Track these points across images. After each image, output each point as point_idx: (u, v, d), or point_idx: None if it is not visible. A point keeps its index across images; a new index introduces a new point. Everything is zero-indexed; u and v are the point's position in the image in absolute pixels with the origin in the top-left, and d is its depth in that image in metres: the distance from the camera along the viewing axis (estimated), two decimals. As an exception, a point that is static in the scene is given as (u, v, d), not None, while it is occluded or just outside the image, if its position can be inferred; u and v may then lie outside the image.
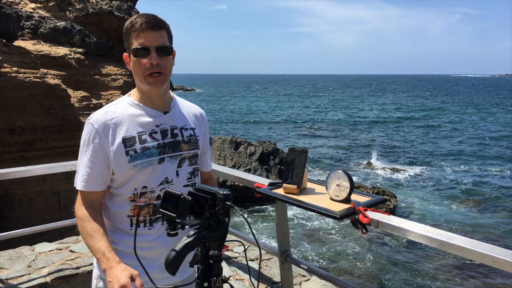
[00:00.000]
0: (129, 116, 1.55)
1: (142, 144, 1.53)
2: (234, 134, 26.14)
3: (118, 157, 1.51)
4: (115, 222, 1.59)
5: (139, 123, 1.56)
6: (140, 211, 1.55)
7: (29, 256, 3.28)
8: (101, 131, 1.50)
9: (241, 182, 2.52)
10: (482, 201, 17.69)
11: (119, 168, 1.52)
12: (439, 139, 32.94)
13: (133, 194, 1.54)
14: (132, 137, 1.53)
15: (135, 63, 1.52)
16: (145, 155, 1.53)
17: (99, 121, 1.51)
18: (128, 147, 1.51)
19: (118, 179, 1.54)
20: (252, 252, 3.41)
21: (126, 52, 1.58)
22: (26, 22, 13.41)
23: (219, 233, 1.34)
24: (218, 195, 1.31)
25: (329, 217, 1.68)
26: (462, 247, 1.44)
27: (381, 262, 12.07)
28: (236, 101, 74.42)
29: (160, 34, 1.52)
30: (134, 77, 1.56)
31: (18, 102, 9.66)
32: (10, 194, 9.23)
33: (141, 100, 1.59)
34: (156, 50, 1.50)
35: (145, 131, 1.55)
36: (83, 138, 1.54)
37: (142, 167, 1.52)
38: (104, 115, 1.53)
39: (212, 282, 1.34)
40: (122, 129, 1.53)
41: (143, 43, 1.49)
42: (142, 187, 1.54)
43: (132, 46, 1.51)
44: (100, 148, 1.51)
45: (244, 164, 18.45)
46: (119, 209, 1.56)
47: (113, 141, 1.51)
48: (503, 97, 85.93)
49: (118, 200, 1.56)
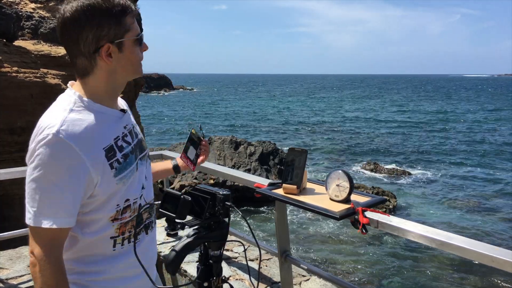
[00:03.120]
0: (97, 122, 1.25)
1: (121, 152, 1.29)
2: (234, 134, 26.14)
3: (103, 174, 1.23)
4: (91, 250, 1.30)
5: (110, 128, 1.29)
6: (125, 228, 1.33)
7: (29, 256, 3.28)
8: (79, 148, 1.17)
9: (241, 182, 2.52)
10: (482, 201, 17.69)
11: (104, 187, 1.23)
12: (439, 140, 32.94)
13: (116, 212, 1.29)
14: (111, 146, 1.26)
15: (134, 53, 1.28)
16: (128, 164, 1.30)
17: (73, 135, 1.17)
18: (111, 159, 1.25)
19: (97, 200, 1.25)
20: (252, 252, 3.41)
21: (107, 41, 1.23)
22: (26, 22, 13.40)
23: (219, 233, 1.34)
24: (218, 195, 1.31)
25: (328, 217, 1.68)
26: (461, 247, 1.44)
27: (380, 262, 12.07)
28: (236, 101, 74.36)
29: None
30: (123, 70, 1.29)
31: (18, 102, 9.66)
32: (10, 194, 9.22)
33: (102, 100, 1.29)
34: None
35: (118, 136, 1.30)
36: (49, 160, 1.15)
37: (127, 178, 1.29)
38: (73, 126, 1.19)
39: (212, 282, 1.35)
40: (99, 139, 1.24)
41: (138, 30, 1.30)
42: (125, 200, 1.31)
43: (130, 33, 1.26)
44: (81, 169, 1.18)
45: (244, 164, 18.45)
46: (98, 235, 1.29)
47: (95, 156, 1.21)
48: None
49: (97, 225, 1.28)
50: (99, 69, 1.26)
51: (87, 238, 1.28)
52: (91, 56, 1.24)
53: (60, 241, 1.22)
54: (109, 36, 1.22)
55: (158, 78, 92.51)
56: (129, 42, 1.26)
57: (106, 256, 1.32)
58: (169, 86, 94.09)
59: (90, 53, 1.23)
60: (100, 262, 1.31)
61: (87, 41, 1.21)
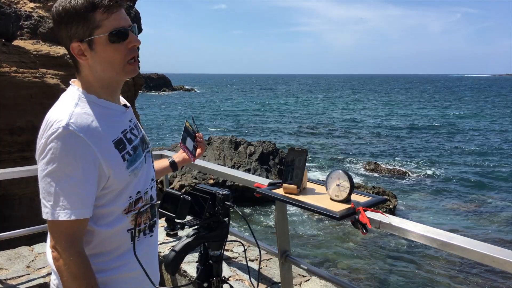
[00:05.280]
0: (103, 115, 1.27)
1: (131, 144, 1.31)
2: (234, 134, 26.15)
3: (115, 166, 1.24)
4: (109, 245, 1.31)
5: (117, 121, 1.31)
6: (140, 219, 1.34)
7: (28, 257, 3.27)
8: (89, 139, 1.18)
9: (241, 182, 2.51)
10: (483, 201, 17.70)
11: (117, 179, 1.26)
12: (440, 140, 32.95)
13: (129, 204, 1.31)
14: (120, 138, 1.28)
15: (108, 51, 1.22)
16: (137, 156, 1.33)
17: (82, 127, 1.18)
18: (122, 151, 1.27)
19: (111, 193, 1.27)
20: (252, 252, 3.40)
21: (76, 40, 1.21)
22: (25, 21, 13.39)
23: (219, 233, 1.34)
24: (218, 195, 1.31)
25: (329, 217, 1.67)
26: (462, 247, 1.44)
27: (381, 262, 12.07)
28: (236, 101, 74.38)
29: (123, 10, 1.26)
30: (103, 68, 1.25)
31: (18, 102, 9.66)
32: (10, 194, 9.23)
33: (103, 96, 1.30)
34: (132, 29, 1.26)
35: (126, 129, 1.32)
36: (62, 153, 1.16)
37: (138, 170, 1.31)
38: (81, 119, 1.20)
39: (211, 282, 1.34)
40: (107, 132, 1.25)
41: (118, 25, 1.21)
42: (137, 192, 1.34)
43: (100, 29, 1.19)
44: (93, 160, 1.19)
45: (244, 164, 18.44)
46: (114, 227, 1.30)
47: (105, 148, 1.22)
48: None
49: (112, 218, 1.29)
50: (82, 66, 1.27)
51: (103, 231, 1.28)
52: (71, 54, 1.25)
53: (80, 233, 1.23)
54: (78, 34, 1.21)
55: (158, 78, 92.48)
56: (101, 39, 1.20)
57: (124, 251, 1.32)
58: (168, 86, 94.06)
59: (69, 51, 1.25)
60: (119, 258, 1.32)
61: (64, 40, 1.24)
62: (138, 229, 1.35)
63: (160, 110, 55.24)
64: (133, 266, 1.31)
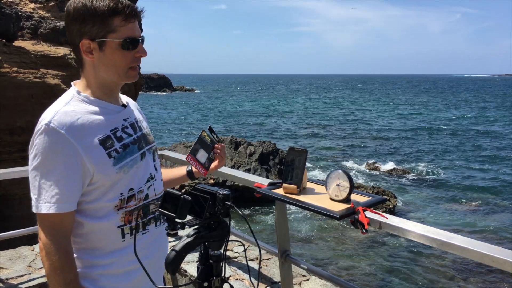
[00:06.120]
0: (92, 113, 1.32)
1: (120, 142, 1.35)
2: (234, 134, 26.15)
3: (99, 163, 1.28)
4: (100, 241, 1.34)
5: (107, 120, 1.35)
6: (131, 216, 1.37)
7: (29, 256, 3.28)
8: (71, 136, 1.23)
9: (241, 182, 2.52)
10: (483, 201, 17.68)
11: (103, 175, 1.29)
12: (440, 140, 32.94)
13: (120, 201, 1.34)
14: (107, 136, 1.32)
15: (117, 56, 1.29)
16: (128, 154, 1.36)
17: (64, 124, 1.24)
18: (108, 149, 1.31)
19: (98, 188, 1.31)
20: (252, 252, 3.41)
21: (87, 38, 1.27)
22: (26, 22, 13.40)
23: (219, 233, 1.34)
24: (218, 195, 1.31)
25: (329, 217, 1.68)
26: (462, 247, 1.44)
27: (381, 262, 12.07)
28: (236, 101, 74.38)
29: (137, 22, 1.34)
30: (106, 69, 1.32)
31: (18, 102, 9.66)
32: (10, 194, 9.23)
33: (99, 95, 1.36)
34: (141, 41, 1.34)
35: (117, 128, 1.36)
36: (44, 149, 1.23)
37: (128, 167, 1.35)
38: (65, 117, 1.26)
39: (212, 282, 1.34)
40: (93, 129, 1.29)
41: (132, 34, 1.30)
42: (129, 189, 1.36)
43: (115, 34, 1.27)
44: (74, 156, 1.24)
45: (244, 164, 18.45)
46: (104, 221, 1.33)
47: (88, 145, 1.27)
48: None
49: (102, 213, 1.33)
50: (86, 63, 1.34)
51: (93, 224, 1.32)
52: (76, 49, 1.31)
53: (64, 226, 1.28)
54: (91, 33, 1.27)
55: (158, 78, 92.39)
56: (113, 43, 1.28)
57: (116, 248, 1.36)
58: (169, 86, 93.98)
59: (75, 45, 1.31)
60: (111, 254, 1.36)
61: (73, 34, 1.30)
62: (130, 227, 1.37)
63: (160, 110, 55.25)
64: (125, 263, 1.36)
